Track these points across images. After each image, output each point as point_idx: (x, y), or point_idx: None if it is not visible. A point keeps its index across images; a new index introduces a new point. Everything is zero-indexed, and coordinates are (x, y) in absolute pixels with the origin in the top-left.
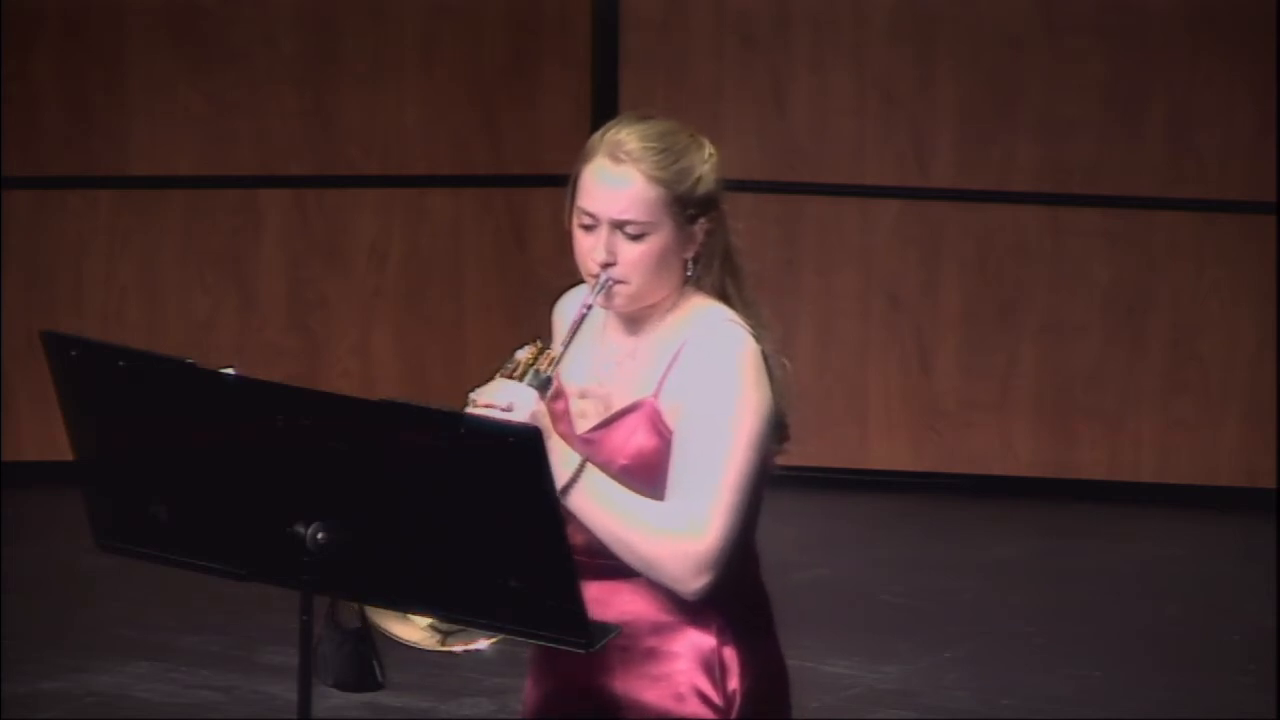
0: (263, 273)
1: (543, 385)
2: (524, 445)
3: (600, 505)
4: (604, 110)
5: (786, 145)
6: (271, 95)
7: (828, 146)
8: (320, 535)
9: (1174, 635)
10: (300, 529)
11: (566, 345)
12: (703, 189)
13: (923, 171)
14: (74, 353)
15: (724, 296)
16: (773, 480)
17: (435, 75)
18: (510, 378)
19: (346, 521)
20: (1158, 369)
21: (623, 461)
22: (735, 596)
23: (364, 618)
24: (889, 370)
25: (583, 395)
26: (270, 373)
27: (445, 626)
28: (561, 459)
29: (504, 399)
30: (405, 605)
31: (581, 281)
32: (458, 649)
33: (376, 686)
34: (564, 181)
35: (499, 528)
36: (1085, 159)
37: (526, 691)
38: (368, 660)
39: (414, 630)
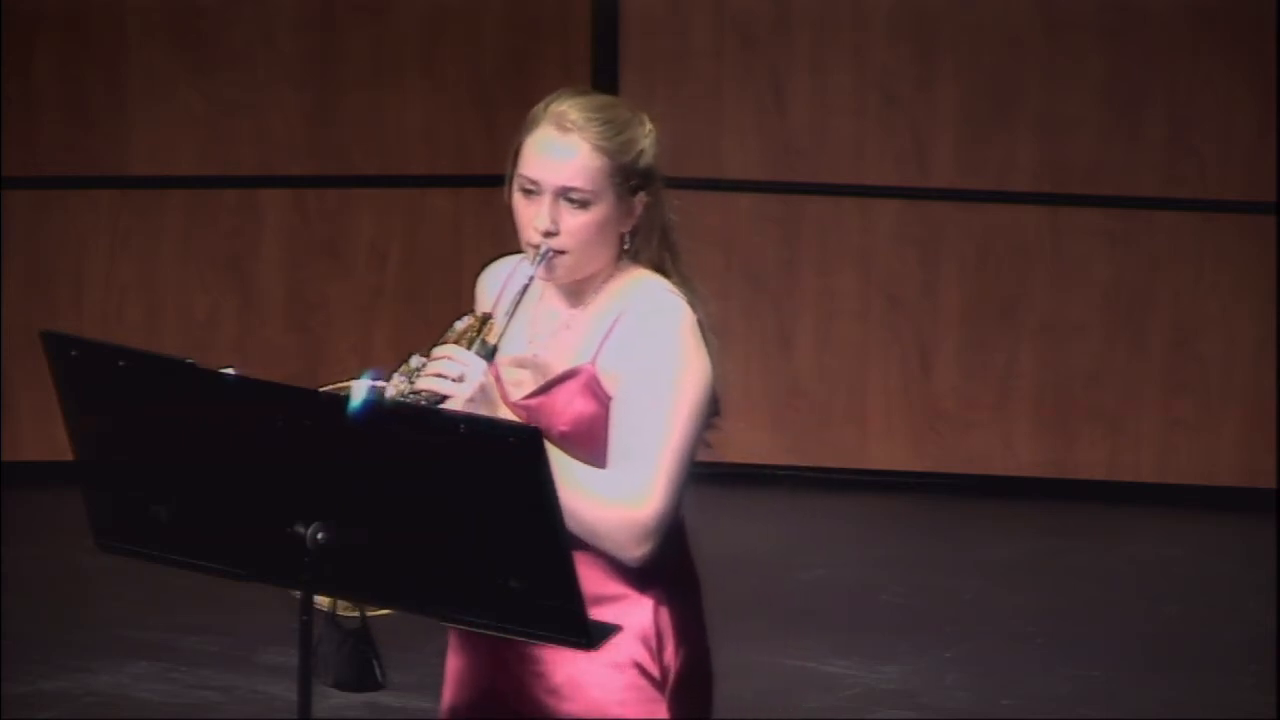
0: (263, 273)
1: (489, 356)
2: (524, 445)
3: None
4: None
5: (786, 145)
6: (271, 95)
7: (828, 146)
8: (320, 535)
9: (1174, 635)
10: (300, 529)
11: (510, 315)
12: (644, 161)
13: (923, 171)
14: (74, 353)
15: (661, 271)
16: (773, 480)
17: (435, 75)
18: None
19: (346, 521)
20: (1158, 369)
21: (562, 428)
22: (670, 568)
23: (364, 617)
24: (889, 370)
25: (518, 364)
26: (270, 373)
27: None
28: None
29: (454, 369)
30: (405, 605)
31: (507, 253)
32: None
33: (376, 686)
34: None
35: (499, 528)
36: (1085, 159)
37: (450, 652)
38: (368, 660)
39: None
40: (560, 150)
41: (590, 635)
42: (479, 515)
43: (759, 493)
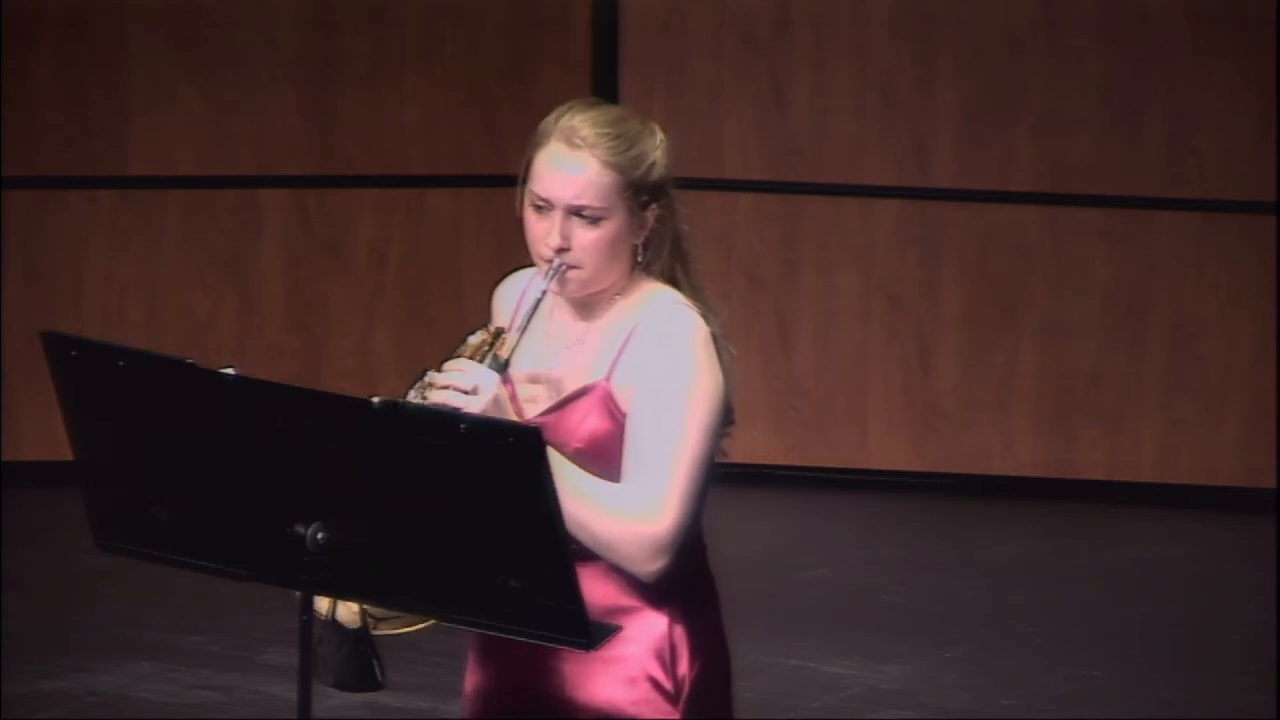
0: (263, 273)
1: (501, 369)
2: (524, 445)
3: (559, 486)
4: None
5: (786, 145)
6: (271, 95)
7: (828, 146)
8: (320, 535)
9: (1174, 635)
10: (300, 529)
11: (522, 330)
12: (655, 175)
13: (923, 171)
14: (74, 353)
15: (673, 282)
16: (773, 480)
17: (435, 75)
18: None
19: (346, 521)
20: (1158, 369)
21: (576, 445)
22: (685, 581)
23: (364, 617)
24: (889, 370)
25: (532, 380)
26: (270, 373)
27: (378, 612)
28: None
29: (468, 381)
30: (405, 605)
31: (522, 266)
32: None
33: (376, 686)
34: None
35: (499, 527)
36: (1085, 159)
37: (469, 669)
38: (368, 660)
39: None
40: (570, 167)
41: (590, 635)
42: (479, 515)
43: (759, 493)
